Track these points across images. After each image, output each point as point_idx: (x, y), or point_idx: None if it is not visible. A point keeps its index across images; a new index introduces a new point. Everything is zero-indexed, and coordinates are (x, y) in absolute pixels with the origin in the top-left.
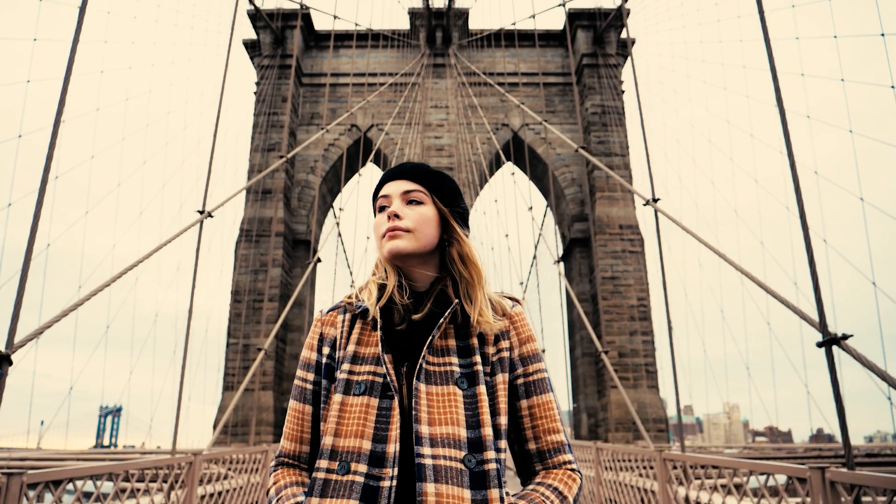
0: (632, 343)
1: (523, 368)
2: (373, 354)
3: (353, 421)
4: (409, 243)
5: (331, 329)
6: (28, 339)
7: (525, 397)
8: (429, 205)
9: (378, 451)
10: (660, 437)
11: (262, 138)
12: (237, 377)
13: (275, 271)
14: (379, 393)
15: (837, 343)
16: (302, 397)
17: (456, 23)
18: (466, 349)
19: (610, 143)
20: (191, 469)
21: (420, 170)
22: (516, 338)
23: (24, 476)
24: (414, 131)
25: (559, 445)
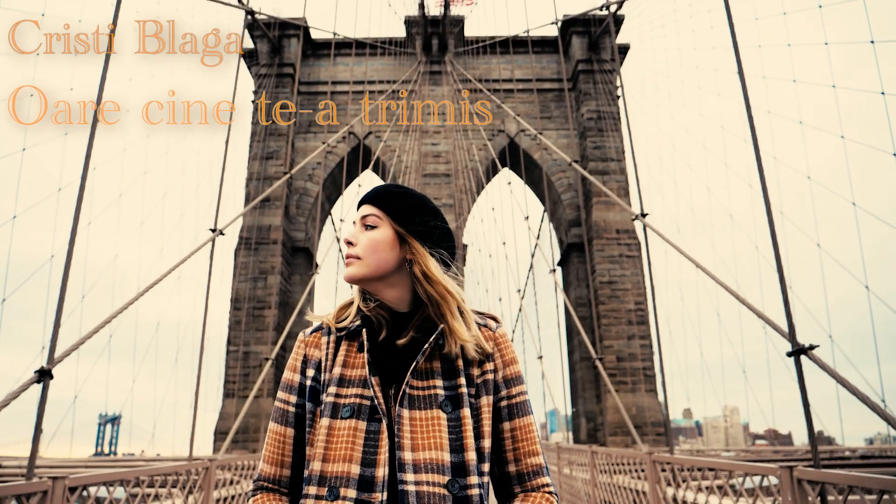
0: (630, 347)
1: (507, 391)
2: (359, 377)
3: (342, 445)
4: (358, 269)
5: (315, 351)
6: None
7: (508, 419)
8: (383, 227)
9: (367, 476)
10: (659, 440)
11: (260, 146)
12: (237, 384)
13: (274, 279)
14: (367, 416)
15: (805, 353)
16: (283, 420)
17: (452, 30)
18: (451, 371)
19: (606, 148)
20: (207, 474)
21: (379, 192)
22: (500, 360)
23: (66, 480)
24: (411, 138)
25: (538, 468)
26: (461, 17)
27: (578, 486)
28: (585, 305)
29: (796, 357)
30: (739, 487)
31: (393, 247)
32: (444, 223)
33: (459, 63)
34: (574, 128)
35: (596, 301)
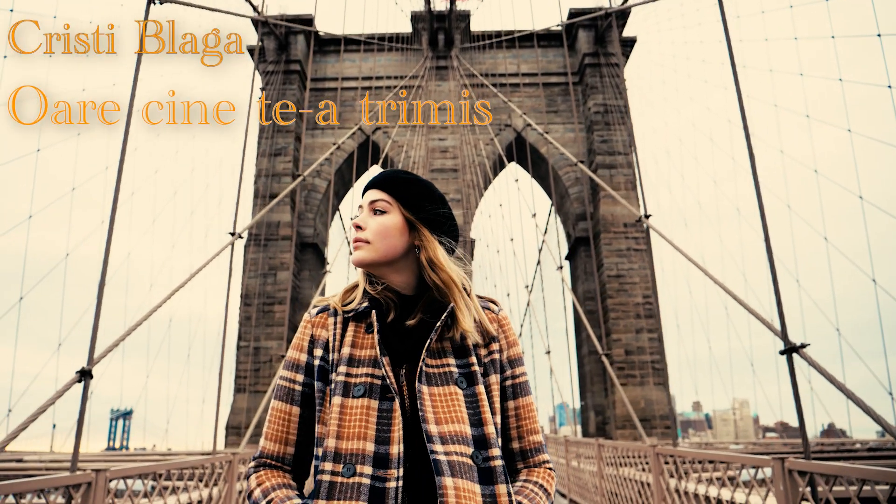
0: (638, 341)
1: (511, 370)
2: (369, 357)
3: (355, 423)
4: (367, 254)
5: (322, 331)
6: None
7: (512, 398)
8: (393, 213)
9: (382, 453)
10: (668, 433)
11: (268, 143)
12: (248, 379)
13: (283, 275)
14: (378, 395)
15: (797, 351)
16: (289, 398)
17: (458, 25)
18: (462, 350)
19: (613, 142)
20: (230, 467)
21: (388, 178)
22: (505, 340)
23: (107, 472)
24: (419, 134)
25: (539, 445)
26: (467, 12)
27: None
28: (594, 299)
29: (788, 355)
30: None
31: (402, 233)
32: (450, 210)
33: (466, 58)
34: (581, 121)
35: (604, 295)
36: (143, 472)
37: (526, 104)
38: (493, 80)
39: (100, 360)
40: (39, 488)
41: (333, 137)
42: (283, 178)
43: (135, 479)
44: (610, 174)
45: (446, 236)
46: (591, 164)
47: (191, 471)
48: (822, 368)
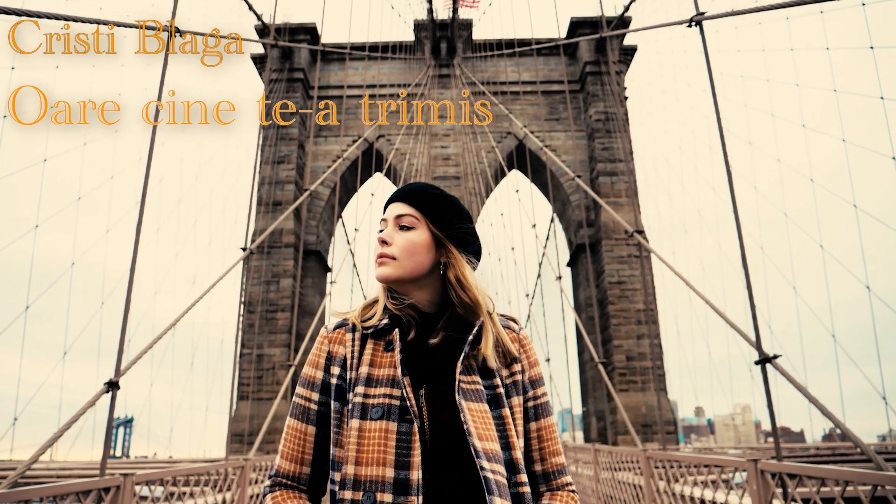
0: (640, 347)
1: (533, 391)
2: (387, 376)
3: (374, 447)
4: (393, 270)
5: (339, 347)
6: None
7: (534, 420)
8: (420, 229)
9: (401, 479)
10: (668, 439)
11: (271, 151)
12: (251, 387)
13: (286, 282)
14: (397, 417)
15: (769, 361)
16: (305, 417)
17: (460, 34)
18: (486, 371)
19: (614, 149)
20: (242, 472)
21: (416, 192)
22: (526, 361)
23: (133, 477)
24: (421, 142)
25: (561, 467)
26: (469, 20)
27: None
28: (595, 305)
29: (762, 365)
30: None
31: (429, 250)
32: (474, 228)
33: (468, 66)
34: (582, 129)
35: (605, 301)
36: (165, 477)
37: (528, 112)
38: (494, 87)
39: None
40: (75, 491)
41: (337, 145)
42: (287, 185)
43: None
44: (611, 181)
45: (472, 255)
46: (593, 171)
47: (206, 476)
48: (791, 378)
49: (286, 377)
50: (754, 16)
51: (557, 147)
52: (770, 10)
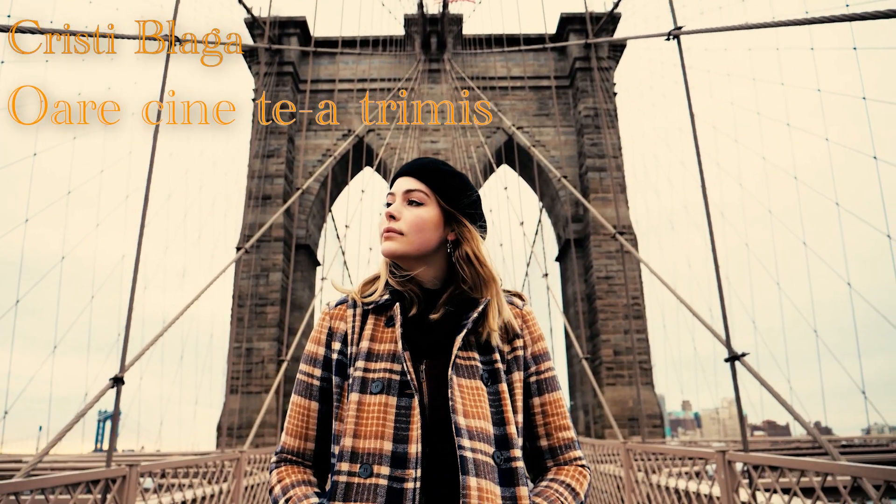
0: (626, 341)
1: (536, 366)
2: (388, 351)
3: (373, 421)
4: (401, 245)
5: (340, 323)
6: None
7: (538, 395)
8: (430, 205)
9: (399, 452)
10: (655, 432)
11: (260, 144)
12: (241, 380)
13: (275, 276)
14: (396, 391)
15: (738, 359)
16: (308, 393)
17: (451, 29)
18: (486, 346)
19: (603, 145)
20: (238, 464)
21: (426, 168)
22: (529, 336)
23: (138, 467)
24: (411, 136)
25: (570, 442)
26: (460, 15)
27: None
28: (584, 300)
29: (732, 363)
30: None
31: (438, 226)
32: (481, 202)
33: (458, 62)
34: (572, 125)
35: (593, 296)
36: (164, 467)
37: (518, 107)
38: (485, 83)
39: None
40: (86, 480)
41: (326, 139)
42: (276, 179)
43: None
44: (599, 177)
45: (481, 230)
46: (581, 166)
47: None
48: (757, 375)
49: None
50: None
51: (547, 142)
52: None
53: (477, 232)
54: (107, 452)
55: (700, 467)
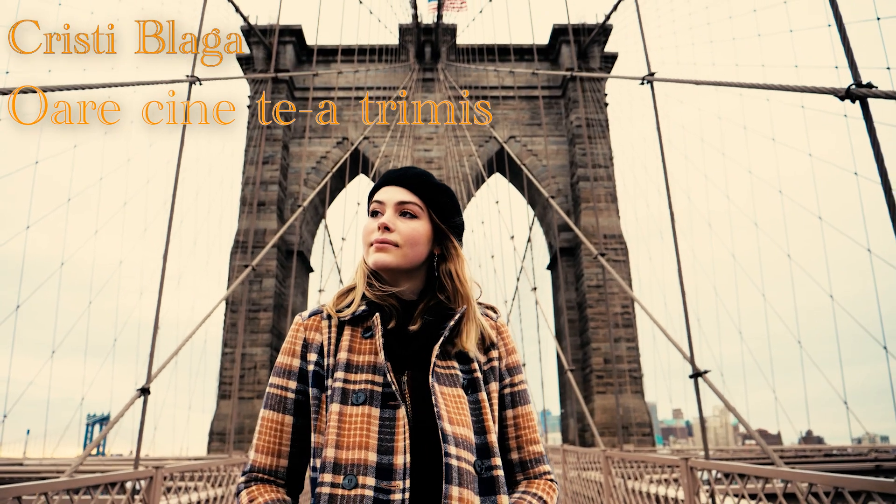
0: (617, 349)
1: (510, 378)
2: (368, 363)
3: (356, 432)
4: (395, 258)
5: (315, 334)
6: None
7: (511, 407)
8: (423, 219)
9: (385, 464)
10: (644, 440)
11: (255, 152)
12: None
13: (268, 282)
14: (379, 402)
15: (701, 376)
16: (281, 407)
17: (444, 38)
18: (464, 356)
19: (594, 155)
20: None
21: (420, 180)
22: (504, 348)
23: (163, 469)
24: (405, 145)
25: (539, 456)
26: (454, 25)
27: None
28: (574, 308)
29: (695, 379)
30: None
31: (429, 241)
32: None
33: (451, 71)
34: (564, 134)
35: (584, 305)
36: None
37: (510, 116)
38: (478, 92)
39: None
40: (115, 481)
41: (321, 146)
42: (271, 186)
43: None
44: (591, 186)
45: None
46: (573, 175)
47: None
48: (718, 392)
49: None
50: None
51: (539, 151)
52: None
53: (461, 249)
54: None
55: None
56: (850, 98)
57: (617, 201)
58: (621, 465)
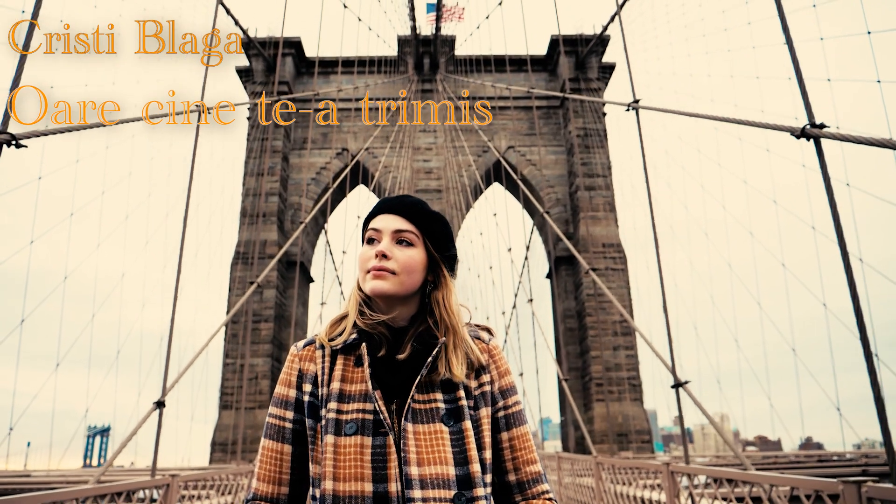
0: (616, 357)
1: (503, 401)
2: (359, 391)
3: (350, 463)
4: (392, 286)
5: (310, 364)
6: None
7: (506, 429)
8: (419, 248)
9: (381, 492)
10: (644, 447)
11: (255, 163)
12: (234, 396)
13: (269, 292)
14: (371, 431)
15: (682, 386)
16: (280, 436)
17: (443, 49)
18: (450, 384)
19: (593, 164)
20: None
21: (416, 209)
22: (496, 371)
23: (178, 478)
24: (404, 156)
25: (537, 476)
26: (452, 37)
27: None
28: (574, 317)
29: (676, 390)
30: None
31: (423, 269)
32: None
33: (450, 82)
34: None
35: (583, 313)
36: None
37: (509, 127)
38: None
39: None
40: (143, 487)
41: (320, 157)
42: (270, 197)
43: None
44: (590, 196)
45: (453, 276)
46: (572, 185)
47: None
48: (697, 402)
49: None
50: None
51: (538, 161)
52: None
53: (451, 279)
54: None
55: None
56: (805, 136)
57: (615, 210)
58: (611, 471)
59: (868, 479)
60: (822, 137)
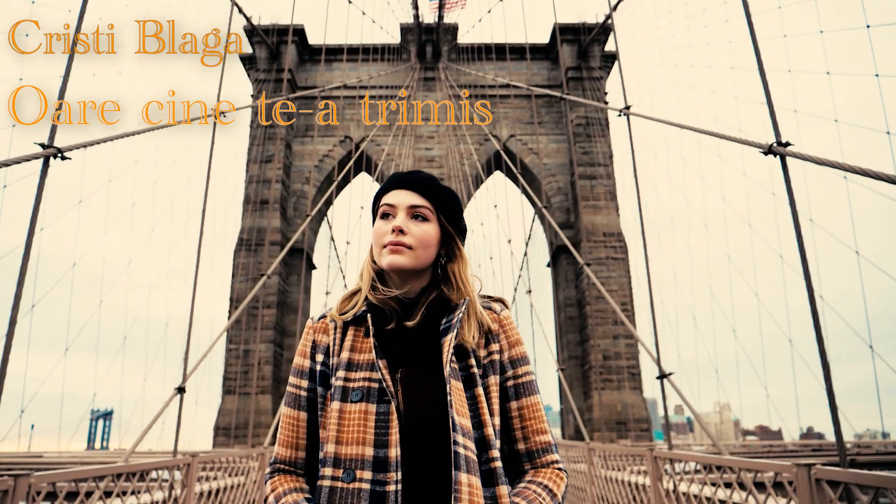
0: (616, 346)
1: (513, 371)
2: (367, 361)
3: (354, 428)
4: (409, 260)
5: (323, 336)
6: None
7: (515, 399)
8: (433, 223)
9: (381, 456)
10: (642, 436)
11: (258, 150)
12: (237, 381)
13: (272, 279)
14: (376, 398)
15: (666, 377)
16: (296, 404)
17: (445, 37)
18: (462, 352)
19: (594, 153)
20: (263, 459)
21: (429, 185)
22: (506, 341)
23: (197, 458)
24: (407, 144)
25: (547, 445)
26: (455, 24)
27: None
28: (574, 305)
29: (661, 381)
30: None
31: (437, 243)
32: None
33: (452, 70)
34: (564, 133)
35: (583, 302)
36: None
37: (511, 115)
38: (479, 91)
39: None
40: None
41: (322, 145)
42: (273, 184)
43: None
44: (591, 185)
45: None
46: (573, 174)
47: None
48: (680, 393)
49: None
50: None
51: (539, 150)
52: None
53: (465, 252)
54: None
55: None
56: (772, 154)
57: (616, 199)
58: (602, 457)
59: (816, 462)
60: (787, 156)
